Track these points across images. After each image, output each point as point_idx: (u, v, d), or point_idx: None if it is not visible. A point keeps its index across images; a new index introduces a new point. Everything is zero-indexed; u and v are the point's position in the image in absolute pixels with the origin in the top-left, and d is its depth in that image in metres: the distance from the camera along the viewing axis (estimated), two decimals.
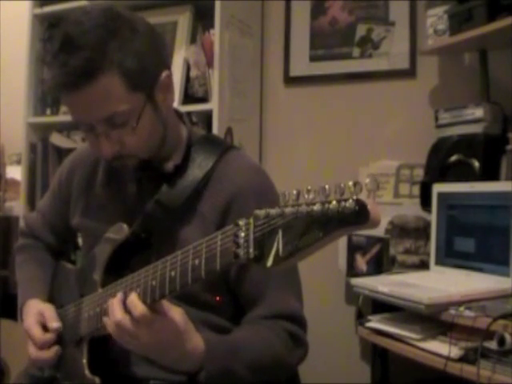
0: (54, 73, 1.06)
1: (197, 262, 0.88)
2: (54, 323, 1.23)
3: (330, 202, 0.70)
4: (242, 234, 0.80)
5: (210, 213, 1.17)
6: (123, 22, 1.08)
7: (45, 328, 1.24)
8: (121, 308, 0.99)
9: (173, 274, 0.93)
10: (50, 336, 1.22)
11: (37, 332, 1.22)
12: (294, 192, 0.75)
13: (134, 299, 0.98)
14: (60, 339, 1.24)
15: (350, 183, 0.69)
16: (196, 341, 1.02)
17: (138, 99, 1.09)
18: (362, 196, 0.68)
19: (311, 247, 0.72)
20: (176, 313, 0.99)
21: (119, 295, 1.01)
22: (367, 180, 0.69)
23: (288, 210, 0.74)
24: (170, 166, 1.19)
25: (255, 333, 1.13)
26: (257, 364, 1.10)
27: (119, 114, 1.07)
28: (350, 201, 0.68)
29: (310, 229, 0.71)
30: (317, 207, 0.70)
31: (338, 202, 0.69)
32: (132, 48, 1.07)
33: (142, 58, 1.08)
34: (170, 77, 1.16)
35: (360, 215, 0.67)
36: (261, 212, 0.78)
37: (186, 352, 1.01)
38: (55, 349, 1.23)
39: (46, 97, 2.55)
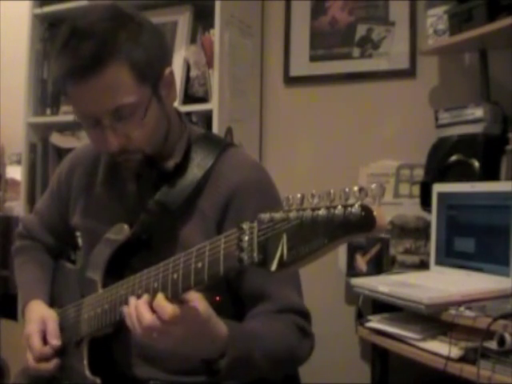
0: (63, 62, 1.06)
1: (200, 265, 0.88)
2: (54, 340, 1.22)
3: (335, 208, 0.68)
4: (246, 238, 0.79)
5: (210, 210, 1.17)
6: (129, 17, 1.10)
7: (45, 339, 1.23)
8: (149, 311, 0.95)
9: (175, 276, 0.93)
10: (48, 350, 1.22)
11: (36, 343, 1.22)
12: (298, 196, 0.74)
13: (160, 301, 0.94)
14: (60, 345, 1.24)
15: (356, 188, 0.68)
16: (220, 325, 0.99)
17: (144, 92, 1.09)
18: (367, 200, 0.67)
19: (316, 253, 0.71)
20: (199, 301, 0.96)
21: (145, 297, 0.97)
22: (373, 185, 0.67)
23: (292, 214, 0.73)
24: (170, 164, 1.19)
25: (269, 325, 1.12)
26: (273, 354, 1.09)
27: (127, 105, 1.07)
28: (356, 206, 0.67)
29: (315, 234, 0.70)
30: (322, 212, 0.69)
31: (344, 207, 0.67)
32: (139, 41, 1.08)
33: (149, 51, 1.09)
34: (172, 74, 1.17)
35: (366, 221, 0.66)
36: (265, 216, 0.77)
37: (214, 337, 0.98)
38: (54, 362, 1.22)
39: (46, 97, 2.55)
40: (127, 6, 1.14)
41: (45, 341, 1.23)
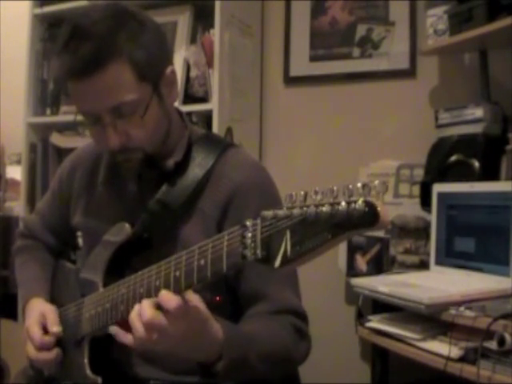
0: (64, 60, 1.06)
1: (202, 262, 0.88)
2: (55, 327, 1.22)
3: (338, 204, 0.68)
4: (249, 235, 0.79)
5: (211, 209, 1.17)
6: (131, 16, 1.10)
7: (45, 330, 1.23)
8: (151, 307, 0.93)
9: (177, 274, 0.93)
10: (48, 339, 1.22)
11: (36, 333, 1.22)
12: (302, 193, 0.74)
13: (165, 295, 0.92)
14: (60, 340, 1.23)
15: (359, 185, 0.68)
16: (217, 327, 0.98)
17: (145, 90, 1.10)
18: (371, 198, 0.67)
19: (319, 249, 0.71)
20: (197, 300, 0.95)
21: (149, 301, 0.95)
22: (376, 182, 0.67)
23: (296, 211, 0.73)
24: (171, 163, 1.19)
25: (265, 326, 1.12)
26: (269, 356, 1.08)
27: (127, 103, 1.08)
28: (360, 202, 0.67)
29: (319, 230, 0.70)
30: (325, 208, 0.69)
31: (348, 203, 0.68)
32: (140, 40, 1.08)
33: (150, 50, 1.10)
34: (174, 72, 1.17)
35: (370, 217, 0.66)
36: (268, 213, 0.77)
37: (212, 338, 0.97)
38: (55, 351, 1.22)
39: (46, 97, 2.55)
40: (128, 4, 1.14)
41: (45, 332, 1.23)
